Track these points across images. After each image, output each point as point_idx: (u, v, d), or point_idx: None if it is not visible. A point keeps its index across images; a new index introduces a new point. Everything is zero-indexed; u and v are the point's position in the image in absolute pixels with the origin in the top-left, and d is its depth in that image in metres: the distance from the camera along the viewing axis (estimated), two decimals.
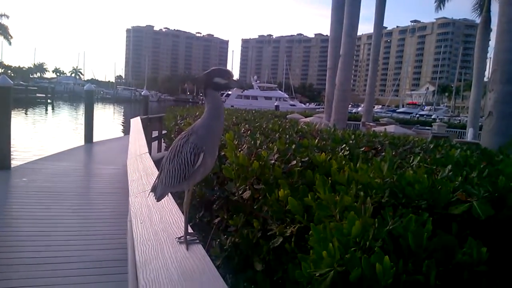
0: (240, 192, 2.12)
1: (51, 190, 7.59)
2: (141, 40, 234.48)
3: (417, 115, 53.70)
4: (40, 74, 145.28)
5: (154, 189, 1.67)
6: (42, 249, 4.87)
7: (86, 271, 4.37)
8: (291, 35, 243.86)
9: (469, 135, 16.88)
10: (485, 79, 22.87)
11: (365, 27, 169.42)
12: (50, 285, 4.09)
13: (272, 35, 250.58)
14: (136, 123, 7.74)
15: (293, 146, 2.59)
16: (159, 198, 1.65)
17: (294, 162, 2.22)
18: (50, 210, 6.41)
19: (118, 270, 4.33)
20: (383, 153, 2.90)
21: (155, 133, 12.14)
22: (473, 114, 19.99)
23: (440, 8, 24.69)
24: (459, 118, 52.99)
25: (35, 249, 4.87)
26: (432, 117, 46.64)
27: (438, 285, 1.09)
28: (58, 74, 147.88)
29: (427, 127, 21.06)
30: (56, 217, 6.10)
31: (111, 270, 4.42)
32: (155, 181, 1.66)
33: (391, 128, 12.16)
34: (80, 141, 14.68)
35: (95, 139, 14.57)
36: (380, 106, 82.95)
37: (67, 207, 6.63)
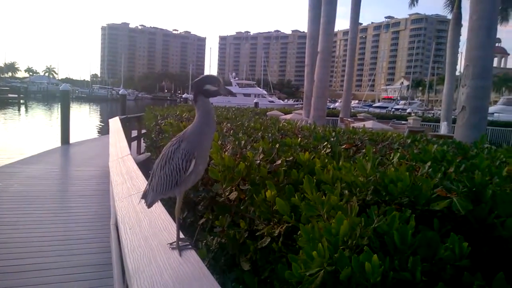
0: (227, 194, 2.14)
1: (28, 194, 7.41)
2: (117, 38, 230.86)
3: (393, 109, 54.70)
4: (12, 74, 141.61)
5: (144, 196, 1.66)
6: (22, 256, 4.76)
7: (70, 276, 4.30)
8: (269, 32, 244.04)
9: (443, 129, 17.31)
10: (457, 73, 23.43)
11: (341, 23, 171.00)
12: None
13: (249, 32, 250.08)
14: (115, 123, 7.62)
15: (277, 146, 2.62)
16: (150, 205, 1.64)
17: (279, 161, 2.25)
18: (28, 215, 6.26)
19: (102, 275, 4.27)
20: (364, 150, 2.97)
21: (134, 133, 12.01)
22: (446, 107, 20.53)
23: (414, 5, 25.23)
24: (432, 112, 54.12)
25: (14, 256, 4.76)
26: (407, 111, 47.52)
27: (423, 281, 1.14)
28: (31, 73, 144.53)
29: (403, 121, 21.45)
30: (35, 222, 5.96)
31: (95, 275, 4.36)
32: (145, 187, 1.66)
33: (369, 124, 12.37)
34: (56, 142, 14.38)
35: (71, 140, 14.27)
36: (357, 101, 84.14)
37: (46, 211, 6.50)
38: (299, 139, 3.03)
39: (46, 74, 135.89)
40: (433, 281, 1.14)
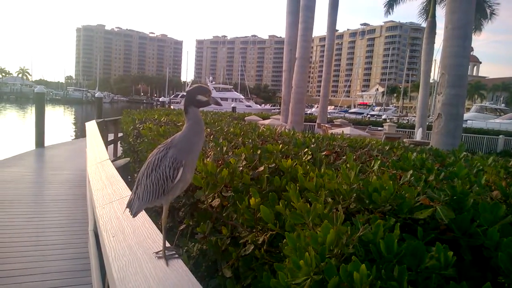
0: (210, 200, 2.12)
1: (1, 198, 7.18)
2: (92, 40, 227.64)
3: (368, 115, 55.61)
4: None
5: (129, 205, 1.62)
6: None
7: (46, 283, 4.18)
8: (246, 36, 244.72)
9: (418, 135, 17.66)
10: (431, 81, 24.01)
11: (317, 28, 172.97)
12: None
13: (226, 36, 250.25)
14: (92, 127, 7.47)
15: (259, 152, 2.62)
16: (135, 214, 1.60)
17: (262, 168, 2.24)
18: (0, 220, 6.06)
19: (80, 281, 4.17)
20: (344, 157, 3.00)
21: (110, 136, 11.81)
22: (421, 114, 20.99)
23: (389, 13, 25.77)
24: (407, 118, 55.23)
25: None
26: (383, 117, 48.34)
27: None
28: (3, 74, 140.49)
29: (379, 128, 21.79)
30: (8, 227, 5.79)
31: (72, 282, 4.24)
32: (130, 196, 1.62)
33: (347, 130, 12.54)
34: (30, 145, 13.99)
35: (46, 143, 13.96)
36: (333, 107, 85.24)
37: (20, 216, 6.32)
38: (280, 145, 3.04)
39: (20, 75, 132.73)
40: None
